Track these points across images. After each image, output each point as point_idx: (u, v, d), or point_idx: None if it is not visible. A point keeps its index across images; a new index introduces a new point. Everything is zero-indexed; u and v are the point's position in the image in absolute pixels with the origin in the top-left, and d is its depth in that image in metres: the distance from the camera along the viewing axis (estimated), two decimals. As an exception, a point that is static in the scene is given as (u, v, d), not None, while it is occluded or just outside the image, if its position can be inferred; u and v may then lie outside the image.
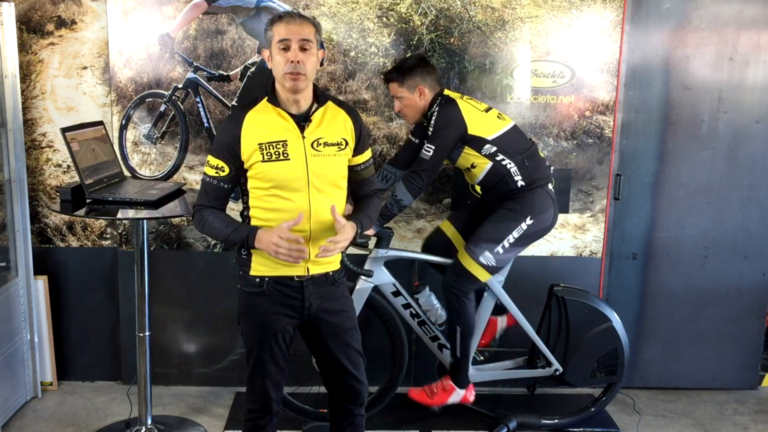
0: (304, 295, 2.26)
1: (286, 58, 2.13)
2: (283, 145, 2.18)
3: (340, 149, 2.24)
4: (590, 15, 3.34)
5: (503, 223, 2.93)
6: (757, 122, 3.52)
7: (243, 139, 2.17)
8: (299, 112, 2.21)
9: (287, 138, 2.18)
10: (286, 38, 2.13)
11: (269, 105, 2.21)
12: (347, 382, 2.37)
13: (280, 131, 2.18)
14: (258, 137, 2.17)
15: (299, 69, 2.12)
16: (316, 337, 2.35)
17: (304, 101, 2.21)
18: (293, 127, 2.19)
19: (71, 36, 3.34)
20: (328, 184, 2.21)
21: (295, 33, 2.14)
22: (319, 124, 2.23)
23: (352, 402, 2.40)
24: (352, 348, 2.35)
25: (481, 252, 2.91)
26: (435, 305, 3.15)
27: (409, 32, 3.31)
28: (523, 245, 2.98)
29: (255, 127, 2.18)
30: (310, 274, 2.26)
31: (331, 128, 2.25)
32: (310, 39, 2.15)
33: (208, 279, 3.52)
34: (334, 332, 2.32)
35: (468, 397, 3.16)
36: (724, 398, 3.69)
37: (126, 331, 3.48)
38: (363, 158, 2.34)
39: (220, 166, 2.21)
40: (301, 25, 2.16)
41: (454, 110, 2.88)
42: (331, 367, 2.37)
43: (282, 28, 2.15)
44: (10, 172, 3.23)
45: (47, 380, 3.53)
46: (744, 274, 3.64)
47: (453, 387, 3.13)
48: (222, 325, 3.55)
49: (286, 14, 2.19)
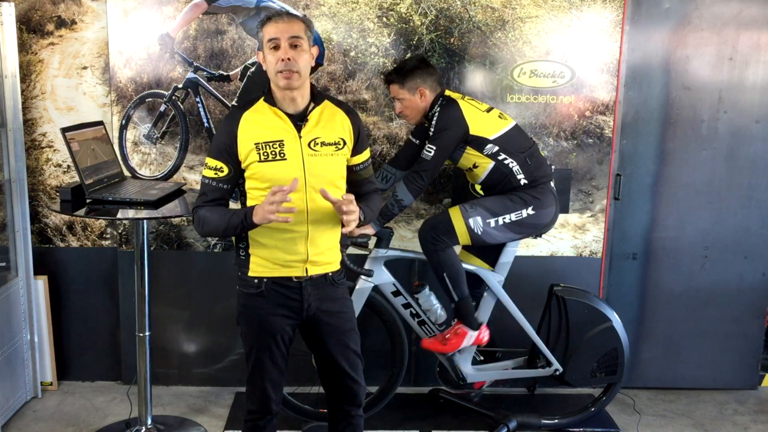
0: (302, 296, 2.26)
1: (276, 57, 2.13)
2: (280, 144, 2.17)
3: (338, 149, 2.24)
4: (590, 15, 3.34)
5: (507, 202, 2.93)
6: (757, 122, 3.52)
7: (240, 139, 2.17)
8: (296, 112, 2.21)
9: (284, 138, 2.17)
10: (275, 37, 2.14)
11: (266, 105, 2.21)
12: (344, 383, 2.37)
13: (276, 131, 2.18)
14: (254, 137, 2.17)
15: (290, 66, 2.12)
16: (314, 337, 2.35)
17: (300, 100, 2.21)
18: (290, 127, 2.19)
19: (71, 36, 3.34)
20: (326, 183, 2.21)
21: (284, 31, 2.14)
22: (316, 124, 2.22)
23: (350, 403, 2.40)
24: (350, 349, 2.35)
25: (474, 215, 2.90)
26: (435, 305, 3.15)
27: (409, 32, 3.31)
28: (515, 233, 2.97)
29: (251, 127, 2.18)
30: (309, 275, 2.26)
31: (329, 128, 2.24)
32: (300, 36, 2.15)
33: (208, 279, 3.52)
34: (332, 333, 2.32)
35: (482, 338, 3.10)
36: (724, 398, 3.69)
37: (126, 331, 3.48)
38: (362, 158, 2.34)
39: (218, 167, 2.21)
40: (290, 23, 2.16)
41: (456, 110, 2.88)
42: (328, 368, 2.37)
43: (271, 27, 2.16)
44: (10, 172, 3.23)
45: (47, 380, 3.53)
46: (744, 274, 3.64)
47: (465, 330, 3.06)
48: (222, 325, 3.55)
49: (274, 14, 2.19)
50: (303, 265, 2.24)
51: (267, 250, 2.23)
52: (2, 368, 3.17)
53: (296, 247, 2.22)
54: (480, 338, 3.10)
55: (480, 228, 2.91)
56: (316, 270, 2.27)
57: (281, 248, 2.22)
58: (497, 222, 2.92)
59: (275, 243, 2.22)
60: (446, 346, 3.08)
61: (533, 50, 3.36)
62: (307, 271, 2.25)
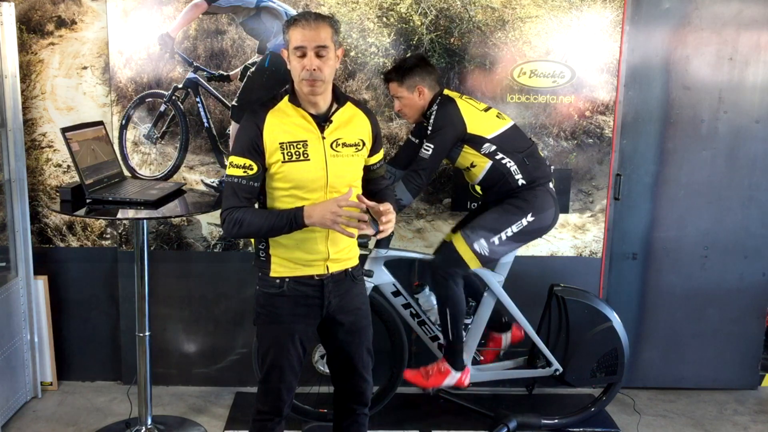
0: (323, 294, 2.26)
1: (302, 65, 2.12)
2: (304, 145, 2.17)
3: (358, 150, 2.24)
4: (590, 15, 3.34)
5: (505, 215, 2.93)
6: (757, 122, 3.52)
7: (265, 137, 2.15)
8: (318, 113, 2.20)
9: (307, 138, 2.17)
10: (301, 45, 2.11)
11: (290, 104, 2.19)
12: (354, 380, 2.38)
13: (300, 131, 2.17)
14: (279, 137, 2.15)
15: (315, 76, 2.11)
16: (331, 333, 2.35)
17: (323, 102, 2.20)
18: (313, 128, 2.18)
19: (71, 36, 3.34)
20: (345, 184, 2.21)
21: (311, 40, 2.10)
22: (338, 125, 2.22)
23: (357, 401, 2.41)
24: (364, 347, 2.36)
25: (477, 239, 2.91)
26: (435, 305, 3.15)
27: (409, 32, 3.31)
28: (520, 242, 2.98)
29: (276, 126, 2.16)
30: (330, 272, 2.26)
31: (350, 129, 2.24)
32: (326, 45, 2.12)
33: (208, 279, 3.52)
34: (349, 331, 2.33)
35: (463, 381, 3.09)
36: (724, 398, 3.69)
37: (126, 331, 3.48)
38: (378, 158, 2.35)
39: (247, 164, 2.15)
40: (317, 29, 2.11)
41: (453, 109, 2.88)
42: (340, 365, 2.38)
43: (298, 33, 2.10)
44: (10, 172, 3.23)
45: (47, 380, 3.53)
46: (744, 274, 3.64)
47: (449, 369, 3.07)
48: (222, 325, 3.55)
49: (302, 17, 2.12)
50: (324, 263, 2.24)
51: (288, 250, 2.23)
52: (2, 368, 3.17)
53: (317, 246, 2.22)
54: (462, 380, 3.08)
55: (486, 250, 2.92)
56: (337, 267, 2.27)
57: (302, 248, 2.22)
58: (500, 238, 2.92)
59: (296, 243, 2.22)
60: (428, 381, 3.09)
61: (533, 50, 3.36)
62: (328, 269, 2.25)
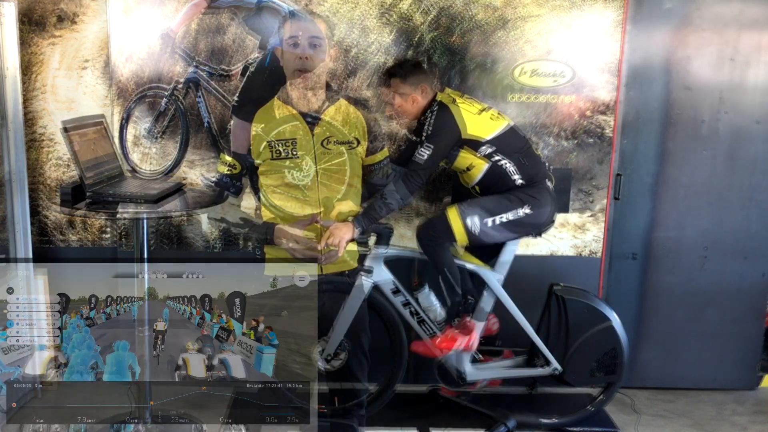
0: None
1: (295, 55, 2.13)
2: (292, 143, 2.17)
3: (352, 147, 2.24)
4: (591, 14, 3.34)
5: (504, 201, 2.94)
6: (757, 123, 3.52)
7: (253, 136, 2.16)
8: (310, 110, 2.21)
9: (296, 136, 2.18)
10: (295, 35, 2.13)
11: (280, 103, 2.20)
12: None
13: (289, 129, 2.18)
14: (267, 135, 2.16)
15: (307, 65, 2.12)
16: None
17: (315, 99, 2.21)
18: (303, 125, 2.19)
19: (72, 33, 3.34)
20: (339, 182, 2.21)
21: (305, 30, 2.13)
22: (329, 123, 2.23)
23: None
24: (358, 348, 2.36)
25: (471, 215, 2.91)
26: (434, 304, 3.15)
27: (410, 31, 3.31)
28: (513, 233, 2.97)
29: (264, 124, 2.17)
30: (324, 274, 2.26)
31: (343, 127, 2.24)
32: (319, 36, 2.14)
33: (207, 276, 3.52)
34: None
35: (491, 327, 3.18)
36: (723, 398, 3.69)
37: (125, 328, 3.48)
38: (378, 157, 2.34)
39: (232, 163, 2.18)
40: (311, 22, 2.15)
41: (448, 116, 2.88)
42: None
43: (292, 25, 2.15)
44: (10, 167, 3.23)
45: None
46: (744, 275, 3.64)
47: (473, 323, 3.08)
48: (221, 322, 3.55)
49: (297, 12, 2.18)
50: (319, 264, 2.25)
51: (281, 250, 2.24)
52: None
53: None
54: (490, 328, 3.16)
55: (477, 228, 2.91)
56: (332, 268, 2.27)
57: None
58: (494, 221, 2.93)
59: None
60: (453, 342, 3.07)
61: (534, 49, 3.35)
62: (322, 271, 2.26)
